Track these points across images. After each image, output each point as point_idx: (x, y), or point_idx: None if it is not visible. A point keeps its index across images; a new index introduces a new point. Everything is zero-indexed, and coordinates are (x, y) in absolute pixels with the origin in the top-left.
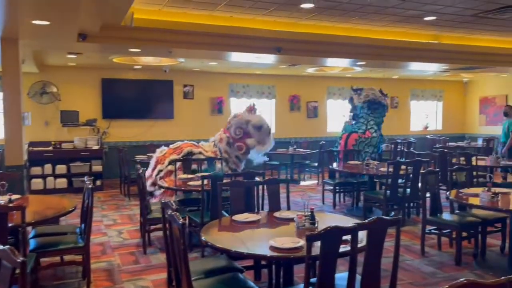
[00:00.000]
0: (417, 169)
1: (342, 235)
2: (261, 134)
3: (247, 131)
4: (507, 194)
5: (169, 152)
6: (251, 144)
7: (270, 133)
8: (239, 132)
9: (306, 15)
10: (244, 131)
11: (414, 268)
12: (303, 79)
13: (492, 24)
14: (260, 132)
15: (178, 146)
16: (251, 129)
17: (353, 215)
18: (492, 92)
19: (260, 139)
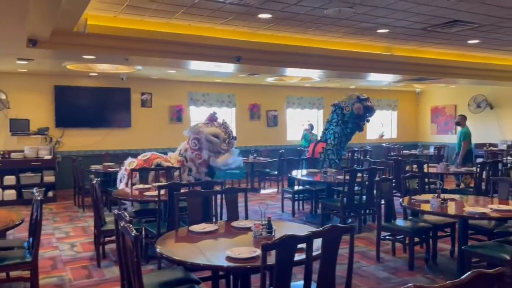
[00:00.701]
0: (373, 177)
1: (297, 244)
2: (214, 146)
3: (201, 142)
4: (455, 200)
5: (140, 164)
6: (205, 155)
7: (230, 143)
8: (195, 143)
9: (264, 25)
10: (199, 142)
11: (369, 274)
12: (263, 88)
13: (440, 38)
14: (212, 144)
15: (148, 157)
16: (204, 141)
17: (311, 223)
18: (442, 102)
19: (214, 151)
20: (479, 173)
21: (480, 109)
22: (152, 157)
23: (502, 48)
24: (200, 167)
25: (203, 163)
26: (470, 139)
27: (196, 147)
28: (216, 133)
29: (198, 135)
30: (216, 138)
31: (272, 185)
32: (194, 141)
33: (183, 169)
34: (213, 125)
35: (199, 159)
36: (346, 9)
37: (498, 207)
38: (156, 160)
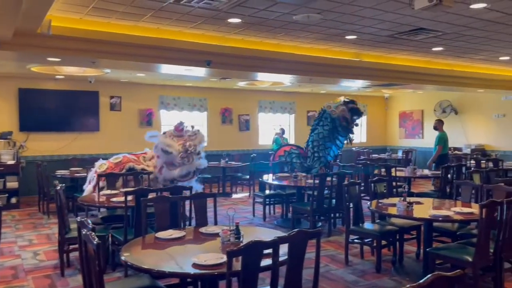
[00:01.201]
0: (342, 181)
1: (263, 249)
2: (169, 158)
3: (158, 150)
4: (421, 203)
5: (110, 166)
6: (158, 165)
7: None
8: (156, 151)
9: (234, 30)
10: (157, 150)
11: (338, 277)
12: (234, 92)
13: (407, 45)
14: (167, 155)
15: (120, 160)
16: (159, 151)
17: (282, 227)
18: (410, 107)
19: (169, 163)
20: (444, 176)
21: (446, 114)
22: (124, 160)
23: (464, 55)
24: (159, 174)
25: (159, 171)
26: (445, 143)
27: (156, 154)
28: (170, 145)
29: (156, 143)
30: (169, 151)
31: (244, 190)
32: (156, 148)
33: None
34: (174, 136)
35: (156, 168)
36: (314, 15)
37: (460, 210)
38: (128, 164)
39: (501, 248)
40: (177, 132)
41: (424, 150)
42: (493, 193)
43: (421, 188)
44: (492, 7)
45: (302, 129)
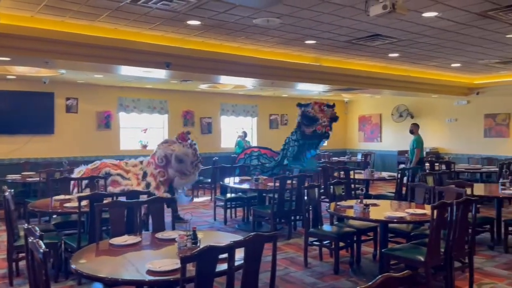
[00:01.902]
0: (302, 184)
1: (218, 254)
2: (182, 167)
3: (170, 160)
4: (377, 205)
5: (87, 172)
6: (171, 174)
7: (196, 167)
8: (162, 160)
9: (194, 32)
10: (167, 160)
11: (297, 280)
12: (196, 94)
13: (364, 50)
14: (181, 164)
15: (96, 166)
16: (173, 160)
17: (243, 230)
18: (368, 111)
19: (181, 172)
20: (400, 179)
21: (402, 118)
22: (101, 165)
23: (419, 62)
24: (163, 185)
25: (166, 182)
26: (422, 146)
27: (162, 164)
28: (187, 154)
29: (168, 153)
30: (185, 159)
31: (206, 193)
32: (162, 158)
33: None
34: (185, 145)
35: (163, 177)
36: (274, 20)
37: (414, 211)
38: (105, 169)
39: (451, 247)
40: (182, 141)
41: (382, 153)
42: (445, 194)
43: (379, 190)
44: (443, 15)
45: (265, 133)
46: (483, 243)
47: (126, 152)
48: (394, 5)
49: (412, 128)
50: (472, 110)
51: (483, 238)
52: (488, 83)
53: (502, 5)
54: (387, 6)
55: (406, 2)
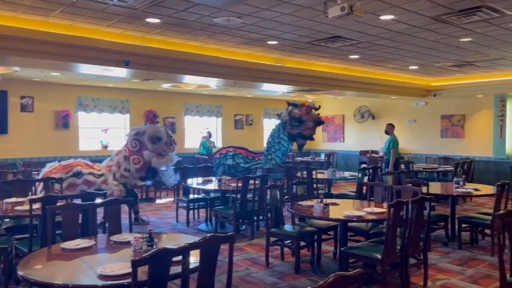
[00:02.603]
0: (265, 184)
1: (172, 257)
2: (158, 147)
3: (143, 143)
4: (337, 204)
5: (58, 169)
6: (147, 156)
7: (171, 146)
8: (135, 144)
9: (154, 30)
10: (140, 143)
11: (258, 280)
12: (159, 94)
13: (325, 52)
14: (155, 144)
15: (69, 164)
16: (147, 141)
17: (205, 232)
18: (332, 112)
19: (157, 152)
20: (361, 178)
21: (364, 119)
22: (74, 164)
23: (378, 63)
24: (138, 172)
25: (143, 167)
26: (398, 147)
27: (136, 149)
28: (159, 132)
29: (139, 136)
30: (159, 136)
31: (169, 194)
32: (135, 142)
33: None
34: (155, 125)
35: (137, 164)
36: (235, 19)
37: (372, 210)
38: (76, 168)
39: (407, 245)
40: (151, 123)
41: (345, 153)
42: (402, 193)
43: (341, 189)
44: (399, 19)
45: (230, 133)
46: (439, 240)
47: (86, 152)
48: (351, 8)
49: (387, 129)
50: (429, 112)
51: (439, 235)
52: (444, 85)
53: (454, 9)
54: (345, 8)
55: (364, 4)
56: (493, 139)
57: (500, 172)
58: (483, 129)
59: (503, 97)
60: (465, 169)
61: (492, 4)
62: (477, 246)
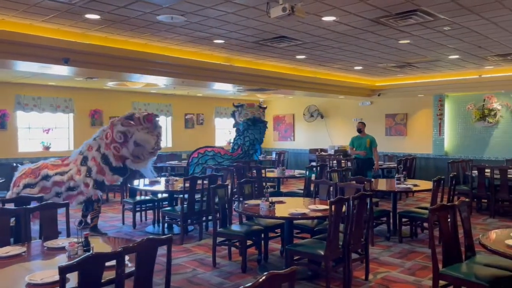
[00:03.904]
0: (213, 184)
1: (104, 262)
2: (139, 151)
3: (128, 140)
4: (283, 202)
5: (27, 173)
6: (124, 153)
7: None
8: (121, 137)
9: (94, 27)
10: (126, 138)
11: (203, 281)
12: (105, 93)
13: (273, 52)
14: (138, 148)
15: (38, 166)
16: (131, 142)
17: (153, 234)
18: (282, 111)
19: (136, 156)
20: (308, 176)
21: (313, 118)
22: (42, 166)
23: (324, 64)
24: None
25: (120, 158)
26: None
27: (120, 141)
28: (148, 141)
29: (129, 133)
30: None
31: (117, 196)
32: (120, 135)
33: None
34: (149, 132)
35: (117, 151)
36: (178, 17)
37: (316, 207)
38: (43, 171)
39: (348, 241)
40: (149, 124)
41: (295, 152)
42: (346, 190)
43: (291, 187)
44: (341, 20)
45: (180, 132)
46: (381, 234)
47: (26, 154)
48: (293, 8)
49: (360, 127)
50: (375, 111)
51: (382, 230)
52: (388, 85)
53: (392, 13)
54: (286, 8)
55: (305, 6)
56: (432, 137)
57: (439, 168)
58: (424, 127)
59: (441, 97)
60: (407, 166)
61: (426, 8)
62: (416, 239)
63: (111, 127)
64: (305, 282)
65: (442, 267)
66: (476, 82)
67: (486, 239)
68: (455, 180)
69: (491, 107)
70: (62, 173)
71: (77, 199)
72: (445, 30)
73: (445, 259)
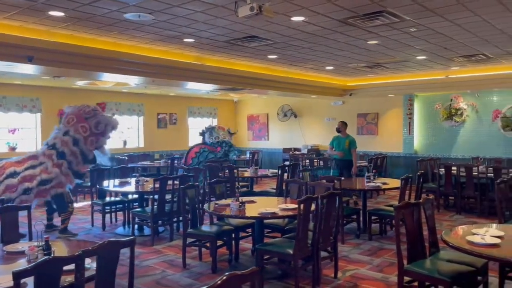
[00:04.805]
0: (184, 184)
1: (62, 266)
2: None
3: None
4: (254, 202)
5: None
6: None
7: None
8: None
9: (59, 24)
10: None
11: (173, 283)
12: (74, 92)
13: (244, 51)
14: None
15: (2, 166)
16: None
17: (123, 236)
18: (256, 111)
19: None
20: (281, 175)
21: (287, 117)
22: (6, 165)
23: (296, 64)
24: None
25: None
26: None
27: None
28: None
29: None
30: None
31: (87, 198)
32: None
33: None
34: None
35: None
36: (145, 15)
37: (286, 206)
38: (10, 169)
39: (317, 239)
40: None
41: (269, 151)
42: (316, 189)
43: (265, 186)
44: (310, 20)
45: (152, 132)
46: (352, 232)
47: None
48: (261, 8)
49: (339, 127)
50: (347, 110)
51: (352, 228)
52: (359, 85)
53: (359, 14)
54: (254, 8)
55: (274, 5)
56: (402, 135)
57: (409, 166)
58: (394, 127)
59: (411, 97)
60: (378, 165)
61: (392, 9)
62: (386, 236)
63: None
64: (275, 282)
65: (407, 263)
66: (443, 82)
67: (448, 236)
68: (423, 178)
69: (457, 106)
70: (33, 167)
71: (50, 192)
72: (412, 32)
73: (410, 255)
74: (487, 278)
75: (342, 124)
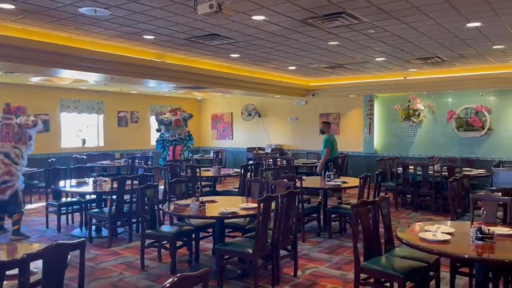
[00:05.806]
0: (143, 184)
1: (4, 271)
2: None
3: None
4: (215, 201)
5: None
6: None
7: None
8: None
9: (9, 17)
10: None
11: (129, 285)
12: (29, 88)
13: (206, 49)
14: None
15: None
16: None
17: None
18: (221, 110)
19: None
20: (244, 175)
21: (251, 117)
22: None
23: (259, 63)
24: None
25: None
26: (333, 146)
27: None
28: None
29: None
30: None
31: (42, 199)
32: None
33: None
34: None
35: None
36: (102, 10)
37: (247, 206)
38: None
39: (277, 238)
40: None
41: (234, 150)
42: (277, 188)
43: (229, 186)
44: (270, 20)
45: (112, 131)
46: (313, 230)
47: None
48: (220, 6)
49: (322, 127)
50: (310, 110)
51: (313, 226)
52: (321, 86)
53: (319, 14)
54: (213, 5)
55: (234, 4)
56: (363, 135)
57: (369, 165)
58: (355, 127)
59: (371, 98)
60: (339, 164)
61: (351, 11)
62: (345, 234)
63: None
64: (234, 281)
65: (363, 260)
66: (402, 83)
67: (403, 233)
68: (381, 176)
69: (415, 107)
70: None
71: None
72: (370, 33)
73: (366, 253)
74: (439, 273)
75: (324, 125)
